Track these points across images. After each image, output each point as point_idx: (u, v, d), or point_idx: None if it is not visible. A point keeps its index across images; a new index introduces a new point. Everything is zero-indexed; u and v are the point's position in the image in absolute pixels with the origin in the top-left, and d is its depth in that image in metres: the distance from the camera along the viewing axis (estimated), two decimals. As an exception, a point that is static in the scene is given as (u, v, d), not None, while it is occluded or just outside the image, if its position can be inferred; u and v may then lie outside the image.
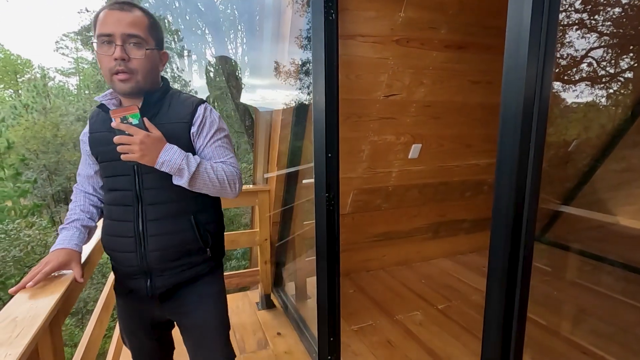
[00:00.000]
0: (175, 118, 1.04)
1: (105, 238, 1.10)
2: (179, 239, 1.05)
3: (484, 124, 2.61)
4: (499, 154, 0.82)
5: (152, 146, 0.91)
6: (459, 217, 3.22)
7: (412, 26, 1.91)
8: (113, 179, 1.05)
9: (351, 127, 2.16)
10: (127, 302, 1.15)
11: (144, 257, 1.03)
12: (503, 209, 0.82)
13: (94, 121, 1.09)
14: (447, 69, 2.18)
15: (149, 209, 1.02)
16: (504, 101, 0.80)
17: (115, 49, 0.94)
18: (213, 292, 1.16)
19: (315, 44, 1.51)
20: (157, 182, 1.01)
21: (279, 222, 2.64)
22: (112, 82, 0.98)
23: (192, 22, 17.29)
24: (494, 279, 0.86)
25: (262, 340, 2.20)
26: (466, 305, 2.58)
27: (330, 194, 1.60)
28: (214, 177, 1.00)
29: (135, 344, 1.21)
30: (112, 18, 0.94)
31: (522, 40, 0.74)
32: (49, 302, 0.84)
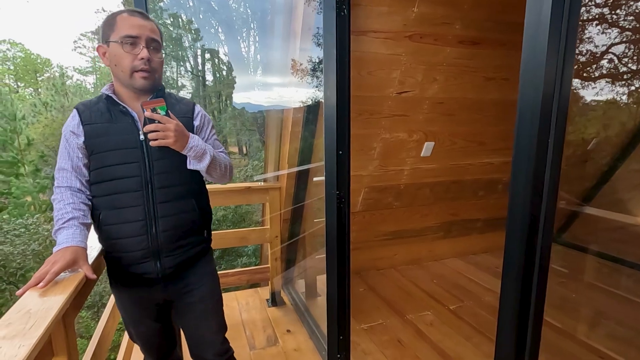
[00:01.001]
0: (180, 113, 1.17)
1: (108, 228, 1.10)
2: (185, 219, 1.16)
3: (498, 122, 2.56)
4: (515, 152, 0.79)
5: (182, 133, 1.06)
6: (472, 217, 3.17)
7: (425, 22, 1.87)
8: (115, 168, 1.08)
9: (362, 125, 2.14)
10: (131, 291, 1.19)
11: (154, 237, 1.11)
12: (519, 209, 0.80)
13: (89, 113, 1.10)
14: (461, 65, 2.13)
15: (158, 192, 1.11)
16: (522, 98, 0.77)
17: (142, 49, 1.06)
18: (210, 271, 1.29)
19: (326, 40, 1.49)
20: (166, 167, 1.12)
21: (289, 220, 2.65)
22: (133, 79, 1.08)
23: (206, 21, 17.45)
24: (508, 280, 0.84)
25: (271, 337, 2.21)
26: (478, 305, 2.54)
27: (340, 192, 1.58)
28: (222, 163, 1.19)
29: (143, 331, 1.26)
30: (136, 23, 1.07)
31: (540, 35, 0.72)
32: (63, 295, 0.86)
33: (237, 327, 2.31)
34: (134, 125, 1.10)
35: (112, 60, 1.08)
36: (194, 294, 1.22)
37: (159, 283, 1.16)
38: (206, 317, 1.26)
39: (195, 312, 1.24)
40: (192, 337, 1.28)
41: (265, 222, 2.54)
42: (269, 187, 2.44)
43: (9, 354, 0.65)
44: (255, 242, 2.79)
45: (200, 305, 1.24)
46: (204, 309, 1.25)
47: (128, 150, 1.08)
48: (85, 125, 1.09)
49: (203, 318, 1.25)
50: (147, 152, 1.09)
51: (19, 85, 29.15)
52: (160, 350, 1.33)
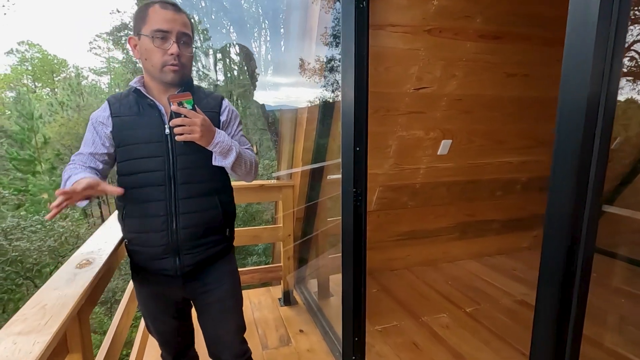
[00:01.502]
0: (207, 107, 1.14)
1: (131, 221, 1.11)
2: (207, 216, 1.13)
3: (518, 120, 2.48)
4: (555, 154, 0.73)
5: (208, 128, 1.02)
6: (489, 218, 3.09)
7: (445, 15, 1.82)
8: (140, 161, 1.07)
9: (378, 122, 2.09)
10: (151, 286, 1.18)
11: (174, 234, 1.09)
12: (558, 216, 0.74)
13: (119, 105, 1.10)
14: (481, 61, 2.07)
15: (181, 187, 1.09)
16: (563, 97, 0.71)
17: (172, 45, 1.03)
18: (231, 270, 1.25)
19: (345, 34, 1.45)
20: (190, 163, 1.09)
21: (302, 218, 2.61)
22: (163, 73, 1.06)
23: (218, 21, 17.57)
24: (545, 291, 0.78)
25: (284, 337, 2.18)
26: (496, 309, 2.46)
27: (357, 190, 1.54)
28: (247, 160, 1.15)
29: (162, 327, 1.25)
30: (168, 16, 1.03)
31: (588, 30, 0.65)
32: (77, 291, 0.84)
33: (249, 326, 2.26)
34: (160, 118, 1.09)
35: (143, 54, 1.06)
36: (212, 293, 1.20)
37: (177, 281, 1.14)
38: (224, 317, 1.23)
39: (213, 312, 1.22)
40: (210, 337, 1.26)
41: (278, 220, 2.51)
42: (282, 185, 2.41)
43: (24, 350, 0.64)
44: (267, 241, 2.77)
45: (218, 306, 1.21)
46: (223, 309, 1.22)
47: (153, 143, 1.07)
48: (114, 117, 1.09)
49: (221, 318, 1.23)
50: (171, 146, 1.07)
51: (36, 85, 29.86)
52: (176, 347, 1.32)
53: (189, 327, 1.32)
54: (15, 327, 0.71)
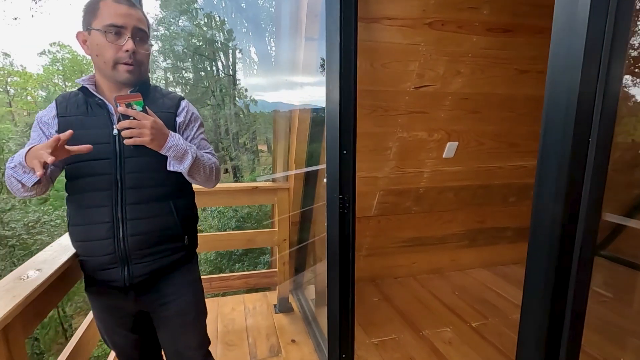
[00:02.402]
0: (162, 108, 1.07)
1: (75, 229, 1.04)
2: (159, 223, 1.05)
3: (532, 120, 2.28)
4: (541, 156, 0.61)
5: (160, 131, 0.95)
6: (501, 225, 2.89)
7: (448, 6, 1.67)
8: (86, 164, 1.00)
9: (376, 122, 1.96)
10: (102, 299, 1.11)
11: (121, 242, 1.01)
12: (543, 221, 0.62)
13: (66, 105, 1.03)
14: (490, 56, 1.90)
15: (129, 192, 1.02)
16: (549, 93, 0.59)
17: (127, 40, 0.97)
18: (191, 281, 1.17)
19: (329, 27, 1.34)
20: (140, 166, 1.02)
21: (298, 223, 2.51)
22: (116, 71, 1.00)
23: (237, 20, 17.71)
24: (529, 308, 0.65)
25: (274, 347, 2.08)
26: (505, 324, 2.28)
27: (344, 196, 1.43)
28: (207, 165, 1.07)
29: (118, 341, 1.18)
30: (121, 10, 0.97)
31: (577, 16, 0.53)
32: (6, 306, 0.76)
33: (240, 333, 2.21)
34: (108, 118, 1.02)
35: (94, 50, 0.99)
36: (169, 306, 1.11)
37: (128, 293, 1.06)
38: (184, 332, 1.15)
39: (171, 326, 1.13)
40: (170, 354, 1.18)
41: (273, 224, 2.42)
42: (277, 188, 2.31)
43: None
44: (262, 245, 2.69)
45: (177, 320, 1.13)
46: (182, 323, 1.13)
47: (100, 145, 0.99)
48: (60, 117, 1.02)
49: (181, 333, 1.14)
50: (119, 148, 1.00)
51: (66, 84, 31.11)
52: None
53: (151, 341, 1.23)
54: None
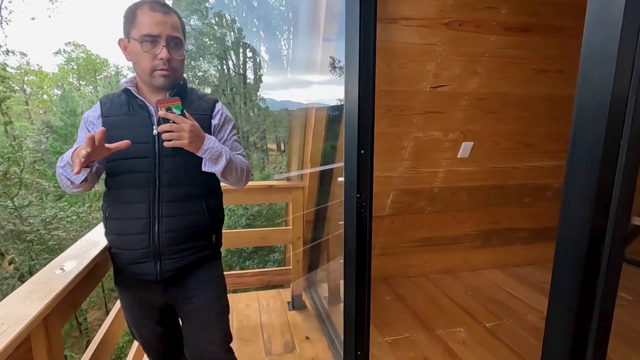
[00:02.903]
0: (198, 110, 1.12)
1: (113, 222, 1.08)
2: (191, 221, 1.09)
3: (549, 120, 2.26)
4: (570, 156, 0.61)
5: (198, 134, 0.99)
6: (515, 226, 2.87)
7: (465, 6, 1.66)
8: (126, 162, 1.05)
9: (392, 122, 1.97)
10: (132, 291, 1.16)
11: (156, 238, 1.05)
12: (573, 223, 0.62)
13: (110, 105, 1.09)
14: (507, 56, 1.89)
15: (165, 190, 1.06)
16: (582, 87, 0.59)
17: (161, 49, 1.01)
18: (215, 277, 1.21)
19: (348, 27, 1.35)
20: (177, 165, 1.07)
21: (312, 221, 2.53)
22: (152, 78, 1.04)
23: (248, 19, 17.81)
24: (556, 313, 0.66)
25: (289, 343, 2.11)
26: (520, 325, 2.27)
27: (361, 195, 1.44)
28: (238, 167, 1.11)
29: (145, 333, 1.22)
30: (157, 19, 1.00)
31: (612, 13, 0.53)
32: (43, 299, 0.80)
33: (255, 329, 2.25)
34: (149, 119, 1.07)
35: (133, 58, 1.06)
36: (194, 300, 1.15)
37: (158, 286, 1.10)
38: (207, 326, 1.18)
39: (195, 320, 1.17)
40: (193, 347, 1.21)
41: (288, 222, 2.45)
42: (292, 186, 2.34)
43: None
44: (276, 243, 2.72)
45: (201, 314, 1.17)
46: (206, 317, 1.17)
47: (141, 144, 1.05)
48: (104, 117, 1.08)
49: (204, 327, 1.18)
50: (158, 148, 1.05)
51: (80, 83, 31.70)
52: (161, 354, 1.27)
53: (175, 334, 1.27)
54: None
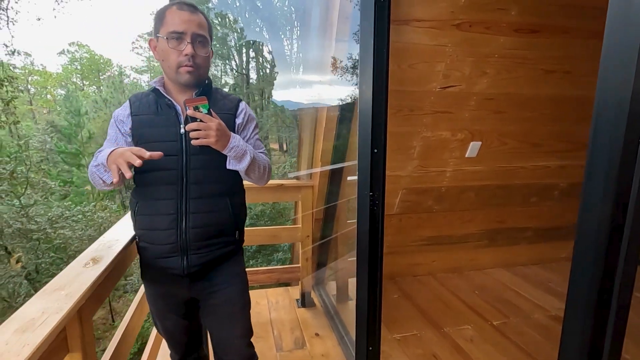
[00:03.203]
0: (223, 109, 1.14)
1: (142, 218, 1.12)
2: (216, 218, 1.13)
3: (556, 120, 2.29)
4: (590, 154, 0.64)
5: (224, 133, 1.03)
6: (521, 225, 2.89)
7: (476, 8, 1.69)
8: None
9: (401, 122, 2.00)
10: (158, 285, 1.19)
11: (183, 233, 1.09)
12: (591, 224, 0.65)
13: (138, 104, 1.13)
14: (516, 57, 1.92)
15: (192, 187, 1.09)
16: (600, 92, 0.61)
17: (187, 46, 1.04)
18: (238, 272, 1.24)
19: (363, 30, 1.38)
20: (203, 163, 1.10)
21: (321, 220, 2.57)
22: (178, 74, 1.07)
23: (251, 20, 17.85)
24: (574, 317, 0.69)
25: (299, 340, 2.15)
26: (526, 323, 2.30)
27: (374, 194, 1.47)
28: (261, 165, 1.15)
29: (170, 326, 1.25)
30: (183, 17, 1.05)
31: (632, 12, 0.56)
32: (80, 289, 0.84)
33: (265, 326, 2.28)
34: (176, 118, 1.10)
35: (161, 55, 1.09)
36: (218, 295, 1.18)
37: (184, 280, 1.14)
38: (231, 320, 1.21)
39: (219, 314, 1.20)
40: (216, 340, 1.25)
41: (297, 221, 2.48)
42: (301, 185, 2.37)
43: (13, 351, 0.63)
44: (286, 241, 2.76)
45: (225, 308, 1.20)
46: (229, 311, 1.21)
47: (168, 142, 1.08)
48: (134, 115, 1.12)
49: (227, 321, 1.21)
50: (186, 146, 1.08)
51: (84, 83, 31.89)
52: (184, 346, 1.31)
53: (197, 327, 1.32)
54: (13, 324, 0.72)
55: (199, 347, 1.38)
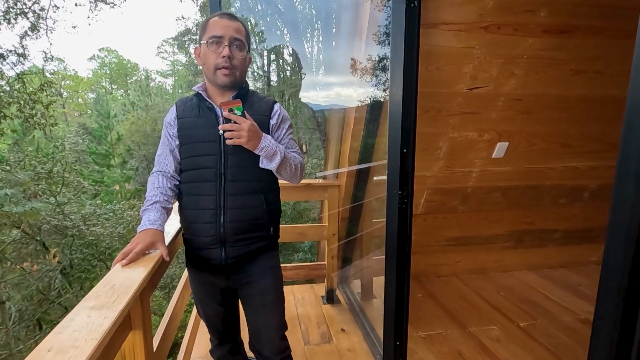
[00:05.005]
0: (258, 111, 1.21)
1: (187, 212, 1.22)
2: (252, 213, 1.19)
3: (586, 121, 2.26)
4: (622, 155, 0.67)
5: (255, 133, 1.10)
6: (550, 227, 2.85)
7: (505, 10, 1.71)
8: (197, 158, 1.18)
9: (428, 122, 2.04)
10: (200, 274, 1.28)
11: (221, 227, 1.17)
12: (622, 225, 0.68)
13: (183, 108, 1.23)
14: (545, 58, 1.92)
15: (229, 185, 1.16)
16: (633, 92, 0.65)
17: (224, 48, 1.13)
18: (272, 266, 1.30)
19: (394, 34, 1.44)
20: (239, 162, 1.17)
21: (347, 218, 2.62)
22: (216, 76, 1.15)
23: (272, 23, 18.12)
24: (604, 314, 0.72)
25: (326, 334, 2.21)
26: (554, 326, 2.27)
27: (403, 192, 1.52)
28: (293, 163, 1.21)
29: (209, 312, 1.35)
30: (222, 24, 1.14)
31: None
32: (141, 274, 0.93)
33: (292, 320, 2.36)
34: (216, 120, 1.18)
35: (202, 60, 1.18)
36: (253, 286, 1.26)
37: (222, 270, 1.22)
38: (265, 311, 1.28)
39: (253, 304, 1.28)
40: (252, 330, 1.32)
41: (323, 220, 2.55)
42: (328, 185, 2.44)
43: (96, 323, 0.73)
44: (313, 239, 2.83)
45: (258, 298, 1.27)
46: (263, 302, 1.27)
47: (208, 143, 1.17)
48: (180, 119, 1.22)
49: (261, 312, 1.28)
50: (223, 146, 1.16)
51: (113, 87, 33.22)
52: (221, 332, 1.40)
53: (233, 315, 1.40)
54: (89, 302, 0.81)
55: (235, 335, 1.47)
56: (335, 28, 2.49)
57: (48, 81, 7.43)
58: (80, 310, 0.78)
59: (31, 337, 7.13)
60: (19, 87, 7.11)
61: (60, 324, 0.72)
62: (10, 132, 10.21)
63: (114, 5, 9.20)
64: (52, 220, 7.59)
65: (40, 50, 10.18)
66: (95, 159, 15.70)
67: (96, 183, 13.94)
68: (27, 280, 7.44)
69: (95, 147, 16.08)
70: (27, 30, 7.29)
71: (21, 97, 6.98)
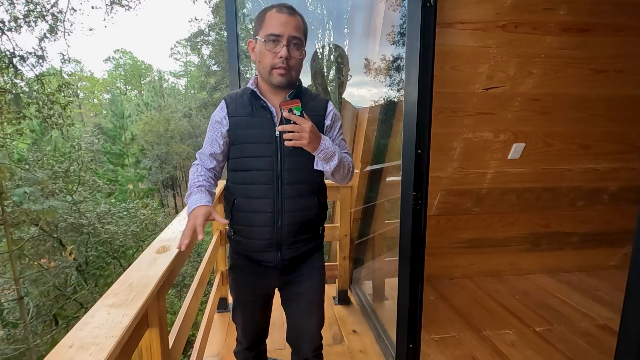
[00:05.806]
0: (313, 111, 1.16)
1: (239, 214, 1.17)
2: (307, 215, 1.18)
3: (606, 121, 2.20)
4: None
5: (316, 135, 1.06)
6: (567, 230, 2.79)
7: (522, 9, 1.68)
8: (252, 160, 1.13)
9: (443, 123, 2.01)
10: (247, 275, 1.26)
11: (279, 230, 1.15)
12: None
13: (234, 105, 1.16)
14: (564, 57, 1.88)
15: (286, 187, 1.13)
16: None
17: (282, 48, 1.06)
18: (320, 267, 1.30)
19: (410, 33, 1.42)
20: (296, 164, 1.14)
21: (359, 219, 2.61)
22: (271, 75, 1.10)
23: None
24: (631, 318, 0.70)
25: (337, 335, 2.20)
26: (572, 331, 2.22)
27: (418, 193, 1.50)
28: (346, 165, 1.18)
29: (247, 315, 1.33)
30: (282, 20, 1.06)
31: None
32: (157, 273, 0.94)
33: (304, 320, 2.35)
34: (271, 120, 1.12)
35: (257, 57, 1.11)
36: (303, 284, 1.25)
37: (275, 271, 1.21)
38: (311, 310, 1.27)
39: (300, 303, 1.27)
40: (294, 327, 1.31)
41: (335, 220, 2.54)
42: (340, 185, 2.43)
43: (115, 320, 0.74)
44: (325, 239, 2.82)
45: (306, 297, 1.26)
46: (309, 302, 1.27)
47: (264, 144, 1.12)
48: (231, 117, 1.15)
49: (307, 311, 1.27)
50: (279, 147, 1.12)
51: (127, 88, 33.87)
52: (253, 336, 1.39)
53: (267, 322, 1.39)
54: (108, 300, 0.83)
55: (263, 341, 1.46)
56: (348, 28, 2.48)
57: (65, 82, 7.61)
58: (99, 307, 0.79)
59: (48, 332, 7.31)
60: (38, 88, 7.31)
61: (81, 320, 0.73)
62: (29, 132, 10.49)
63: (129, 7, 9.37)
64: (68, 218, 7.77)
65: (58, 52, 10.53)
66: (110, 158, 16.03)
67: (110, 182, 14.23)
68: (45, 276, 7.63)
69: (110, 147, 16.41)
70: (45, 32, 7.49)
71: (40, 98, 7.17)
